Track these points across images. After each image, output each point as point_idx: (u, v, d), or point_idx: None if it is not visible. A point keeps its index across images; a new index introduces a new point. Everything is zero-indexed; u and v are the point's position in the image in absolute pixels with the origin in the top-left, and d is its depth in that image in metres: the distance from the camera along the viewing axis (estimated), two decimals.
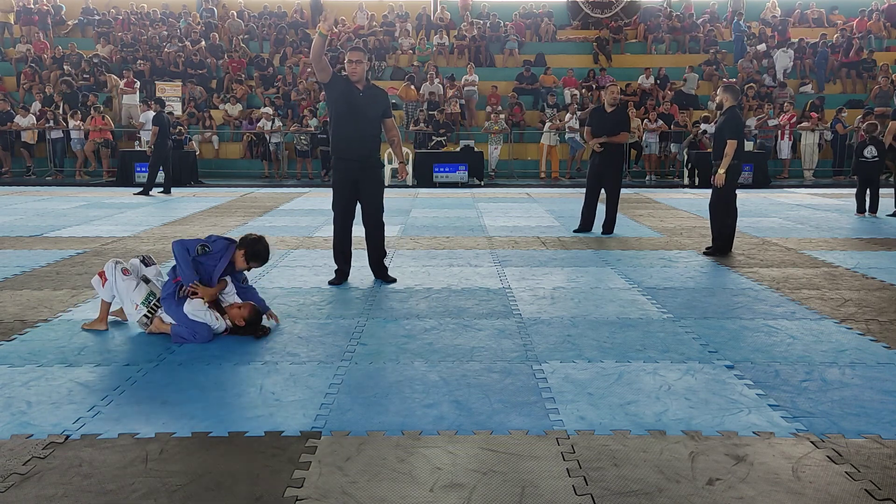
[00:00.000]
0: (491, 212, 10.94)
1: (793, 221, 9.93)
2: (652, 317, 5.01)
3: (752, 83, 19.02)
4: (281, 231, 8.87)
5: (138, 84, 18.64)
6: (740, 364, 4.03)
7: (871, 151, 10.46)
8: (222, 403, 3.47)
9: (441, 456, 2.91)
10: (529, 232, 8.89)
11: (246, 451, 2.95)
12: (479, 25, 22.39)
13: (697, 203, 11.82)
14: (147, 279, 4.62)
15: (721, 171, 7.13)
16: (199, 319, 4.39)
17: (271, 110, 17.88)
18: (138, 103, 17.67)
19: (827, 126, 17.38)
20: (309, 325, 4.77)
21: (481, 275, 6.35)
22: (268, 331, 4.57)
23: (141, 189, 13.47)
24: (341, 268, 6.06)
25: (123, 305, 4.59)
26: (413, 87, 19.01)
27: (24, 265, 6.69)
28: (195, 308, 4.39)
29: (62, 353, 4.19)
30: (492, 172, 17.10)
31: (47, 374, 3.85)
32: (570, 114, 17.13)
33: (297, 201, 12.38)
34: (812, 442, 3.05)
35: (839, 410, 3.38)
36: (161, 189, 13.61)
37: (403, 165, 6.40)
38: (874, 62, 20.36)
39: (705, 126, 16.07)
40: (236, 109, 18.66)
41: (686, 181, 16.25)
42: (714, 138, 7.44)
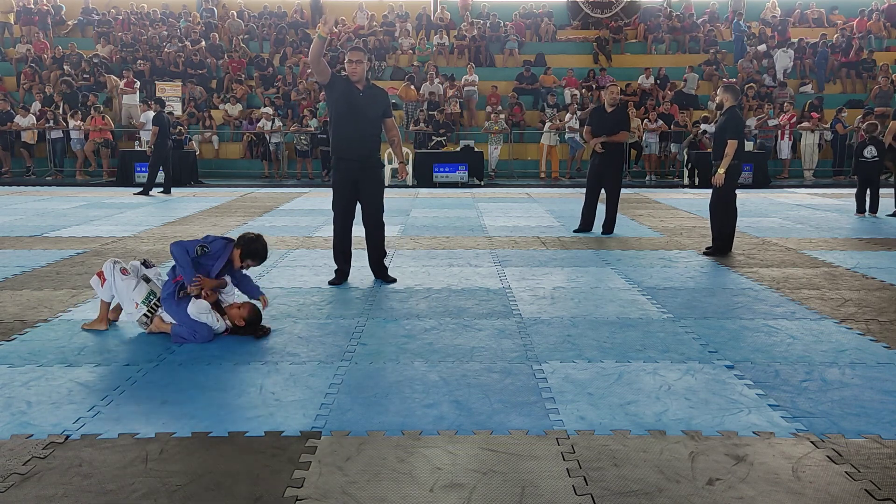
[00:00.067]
0: (491, 212, 10.94)
1: (793, 221, 9.93)
2: (652, 317, 5.01)
3: (752, 83, 19.02)
4: (281, 231, 8.87)
5: (138, 84, 18.64)
6: (740, 364, 4.03)
7: (871, 151, 10.46)
8: (222, 403, 3.47)
9: (441, 456, 2.91)
10: (529, 232, 8.89)
11: (246, 451, 2.96)
12: (479, 25, 22.39)
13: (697, 203, 11.82)
14: (147, 278, 4.62)
15: (721, 171, 7.13)
16: (202, 321, 4.39)
17: (271, 110, 17.88)
18: (138, 103, 17.67)
19: (827, 126, 17.38)
20: (309, 325, 4.77)
21: (481, 275, 6.35)
22: (268, 331, 4.57)
23: (141, 189, 13.47)
24: (341, 268, 6.06)
25: (123, 305, 4.59)
26: (413, 87, 19.01)
27: (24, 265, 6.69)
28: (199, 309, 4.39)
29: (62, 353, 4.19)
30: (492, 172, 17.10)
31: (47, 374, 3.85)
32: (570, 114, 17.14)
33: (297, 201, 12.37)
34: (812, 442, 3.05)
35: (839, 410, 3.38)
36: (161, 189, 13.61)
37: (403, 165, 6.41)
38: (874, 62, 20.36)
39: (705, 126, 16.07)
40: (236, 109, 18.66)
41: (686, 181, 16.25)
42: (714, 138, 7.44)
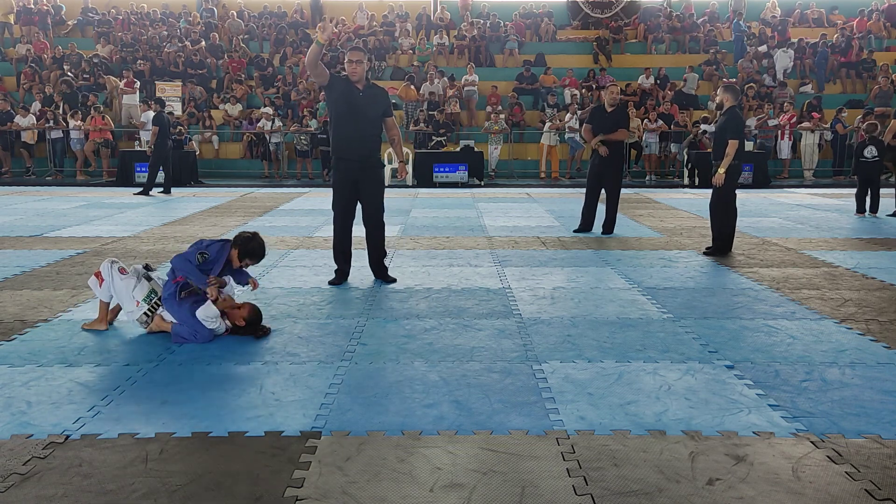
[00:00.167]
0: (491, 212, 10.94)
1: (793, 221, 9.93)
2: (652, 317, 5.01)
3: (752, 83, 19.03)
4: (281, 231, 8.87)
5: (138, 84, 18.64)
6: (740, 364, 4.03)
7: (872, 151, 10.46)
8: (222, 403, 3.47)
9: (441, 456, 2.91)
10: (529, 232, 8.89)
11: (246, 451, 2.95)
12: (479, 25, 22.39)
13: (697, 203, 11.82)
14: (149, 277, 4.62)
15: (721, 171, 7.13)
16: (210, 326, 4.39)
17: (271, 110, 17.88)
18: (138, 103, 17.68)
19: (827, 126, 17.38)
20: (309, 325, 4.77)
21: (481, 275, 6.35)
22: (268, 331, 4.57)
23: (141, 189, 13.47)
24: (341, 268, 6.06)
25: (122, 304, 4.58)
26: (413, 87, 19.01)
27: (24, 265, 6.69)
28: (208, 314, 4.39)
29: (62, 353, 4.19)
30: (492, 172, 17.10)
31: (47, 374, 3.85)
32: (571, 114, 17.14)
33: (297, 201, 12.37)
34: (812, 442, 3.05)
35: (839, 410, 3.38)
36: (161, 189, 13.61)
37: (403, 165, 6.40)
38: (874, 62, 20.37)
39: (705, 126, 16.07)
40: (236, 109, 18.66)
41: (686, 181, 16.25)
42: (714, 138, 7.44)
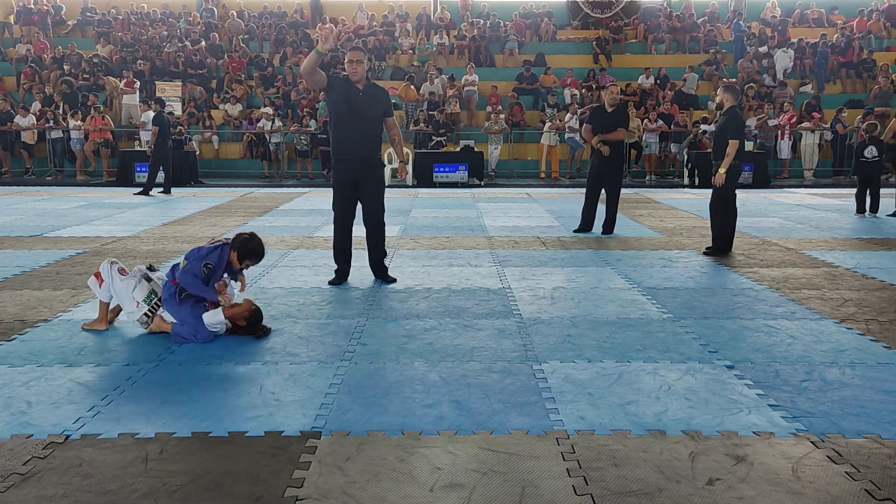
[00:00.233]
0: (491, 212, 10.94)
1: (793, 221, 9.93)
2: (652, 317, 5.01)
3: (752, 83, 19.03)
4: (281, 231, 8.87)
5: (138, 84, 18.64)
6: (740, 364, 4.03)
7: (872, 151, 10.47)
8: (222, 403, 3.47)
9: (441, 456, 2.91)
10: (529, 232, 8.89)
11: (246, 451, 2.95)
12: (479, 25, 22.39)
13: (697, 203, 11.82)
14: (149, 278, 4.62)
15: (722, 171, 7.13)
16: (215, 330, 4.40)
17: (271, 110, 17.88)
18: (138, 103, 17.67)
19: (827, 126, 17.39)
20: (309, 325, 4.77)
21: (481, 275, 6.35)
22: (268, 331, 4.57)
23: (141, 189, 13.47)
24: (341, 268, 6.06)
25: (122, 305, 4.58)
26: (413, 87, 19.01)
27: (24, 265, 6.69)
28: (215, 320, 4.39)
29: (62, 353, 4.19)
30: (492, 172, 17.10)
31: (47, 374, 3.85)
32: (571, 114, 17.14)
33: (297, 201, 12.37)
34: (812, 442, 3.05)
35: (839, 410, 3.38)
36: (161, 189, 13.61)
37: (404, 165, 6.38)
38: (874, 62, 20.37)
39: (705, 126, 16.07)
40: (236, 109, 18.66)
41: (686, 181, 16.25)
42: (714, 138, 7.43)
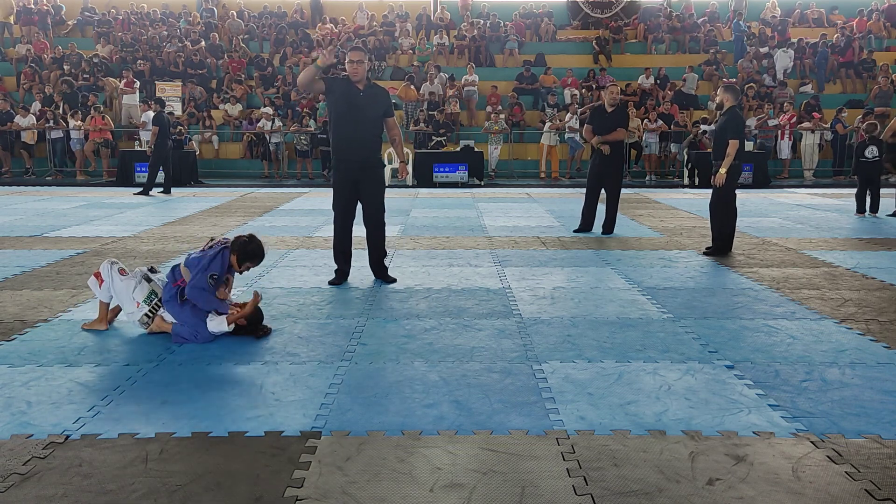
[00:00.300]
0: (491, 212, 10.94)
1: (793, 221, 9.93)
2: (652, 317, 5.01)
3: (752, 83, 19.03)
4: (281, 231, 8.87)
5: (138, 84, 18.64)
6: (740, 364, 4.03)
7: (873, 151, 10.47)
8: (222, 403, 3.47)
9: (441, 456, 2.91)
10: (529, 232, 8.89)
11: (246, 451, 2.95)
12: (479, 25, 22.39)
13: (697, 203, 11.82)
14: (149, 278, 4.61)
15: (722, 171, 7.13)
16: (218, 332, 4.41)
17: (271, 110, 17.89)
18: (138, 103, 17.67)
19: (827, 126, 17.39)
20: (309, 325, 4.77)
21: (481, 275, 6.35)
22: (268, 330, 4.57)
23: (141, 189, 13.47)
24: (341, 268, 6.05)
25: (123, 305, 4.58)
26: (413, 87, 19.01)
27: (24, 265, 6.69)
28: (218, 330, 4.39)
29: (62, 353, 4.19)
30: (492, 172, 17.11)
31: (47, 374, 3.85)
32: (571, 114, 17.14)
33: (297, 201, 12.37)
34: (812, 442, 3.05)
35: (839, 410, 3.38)
36: (161, 189, 13.61)
37: (404, 165, 6.37)
38: (874, 62, 20.37)
39: (705, 126, 16.07)
40: (236, 109, 18.66)
41: (686, 181, 16.25)
42: (714, 138, 7.43)
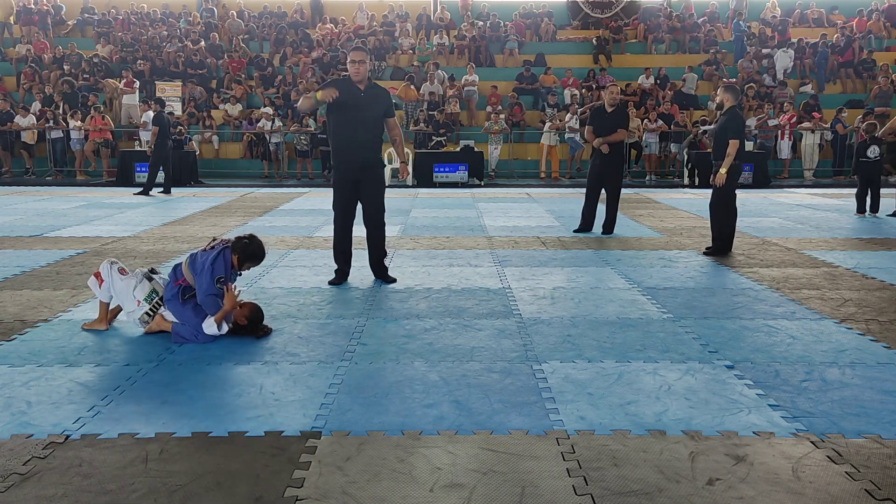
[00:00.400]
0: (491, 212, 10.93)
1: (793, 221, 9.93)
2: (652, 317, 5.01)
3: (752, 83, 19.03)
4: (281, 231, 8.87)
5: (138, 84, 18.64)
6: (740, 364, 4.03)
7: (875, 151, 10.47)
8: (222, 403, 3.47)
9: (441, 456, 2.91)
10: (529, 232, 8.89)
11: (246, 451, 2.95)
12: (479, 25, 22.39)
13: (697, 203, 11.82)
14: (151, 277, 4.61)
15: (722, 171, 7.13)
16: (212, 333, 4.41)
17: (271, 110, 17.88)
18: (138, 103, 17.67)
19: (827, 126, 17.39)
20: (309, 325, 4.77)
21: (481, 275, 6.35)
22: (269, 330, 4.57)
23: (141, 189, 13.47)
24: (341, 268, 6.05)
25: (123, 304, 4.58)
26: (413, 87, 19.01)
27: (24, 265, 6.69)
28: (210, 331, 4.39)
29: (62, 353, 4.19)
30: (492, 172, 17.10)
31: (47, 374, 3.85)
32: (571, 114, 17.14)
33: (297, 201, 12.37)
34: (812, 442, 3.05)
35: (839, 410, 3.38)
36: (161, 189, 13.61)
37: (405, 165, 6.37)
38: (874, 62, 20.37)
39: (706, 127, 16.06)
40: (236, 109, 18.66)
41: (686, 181, 16.25)
42: (714, 138, 7.42)
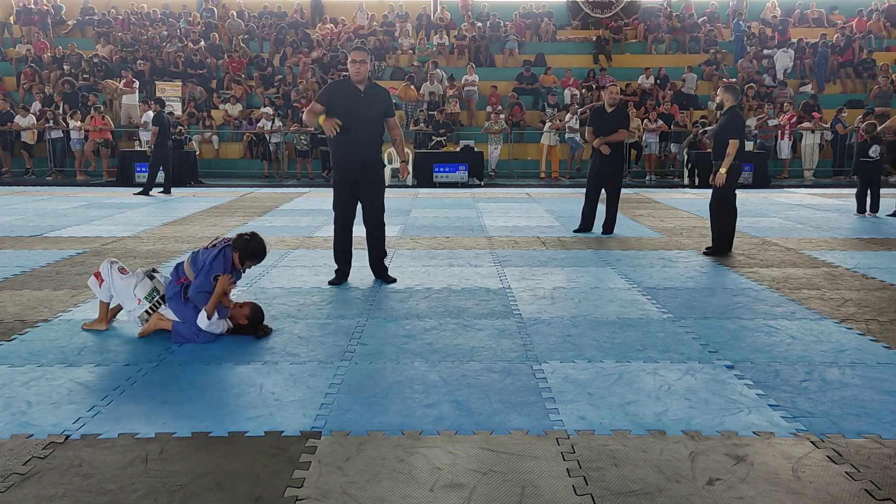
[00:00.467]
0: (491, 212, 10.93)
1: (793, 221, 9.93)
2: (652, 317, 5.01)
3: (752, 83, 19.03)
4: (281, 231, 8.87)
5: (138, 84, 18.64)
6: (740, 364, 4.03)
7: (876, 151, 10.47)
8: (222, 403, 3.47)
9: (441, 456, 2.91)
10: (529, 232, 8.89)
11: (246, 451, 2.95)
12: (479, 25, 22.39)
13: (697, 203, 11.82)
14: (152, 276, 4.61)
15: (722, 171, 7.13)
16: (205, 327, 4.41)
17: (271, 110, 17.88)
18: (138, 103, 17.66)
19: (827, 126, 17.39)
20: (309, 325, 4.77)
21: (481, 275, 6.35)
22: (269, 330, 4.57)
23: (141, 189, 13.47)
24: (341, 268, 6.05)
25: (123, 303, 4.58)
26: (413, 87, 19.01)
27: (24, 265, 6.69)
28: (205, 325, 4.39)
29: (62, 353, 4.19)
30: (492, 172, 17.11)
31: (47, 374, 3.85)
32: (571, 114, 17.14)
33: (297, 201, 12.37)
34: (812, 442, 3.05)
35: (839, 410, 3.38)
36: (161, 189, 13.61)
37: (405, 165, 6.36)
38: (874, 62, 20.37)
39: (706, 128, 16.07)
40: (236, 109, 18.66)
41: (686, 181, 16.25)
42: (714, 138, 7.42)
